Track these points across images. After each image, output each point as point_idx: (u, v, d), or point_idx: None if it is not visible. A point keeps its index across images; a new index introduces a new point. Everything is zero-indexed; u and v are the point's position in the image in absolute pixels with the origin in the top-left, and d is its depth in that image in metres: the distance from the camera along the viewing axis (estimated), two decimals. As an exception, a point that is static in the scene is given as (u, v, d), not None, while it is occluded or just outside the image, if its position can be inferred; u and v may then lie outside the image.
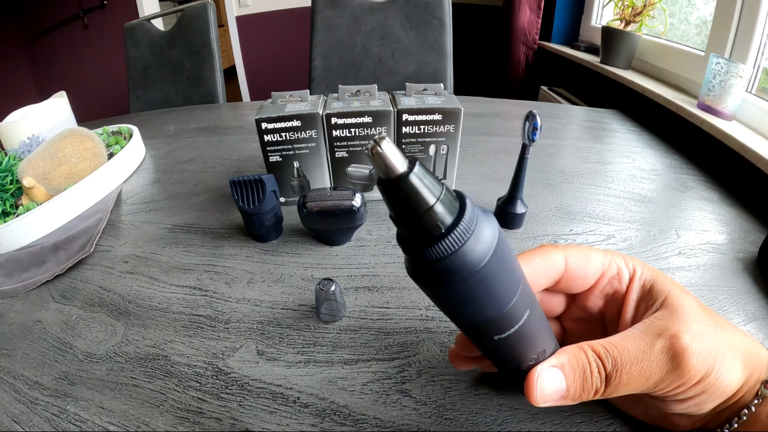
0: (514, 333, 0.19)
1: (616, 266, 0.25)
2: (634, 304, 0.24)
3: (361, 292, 0.38)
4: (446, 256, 0.14)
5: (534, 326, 0.20)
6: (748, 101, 0.70)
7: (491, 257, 0.15)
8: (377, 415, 0.27)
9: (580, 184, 0.55)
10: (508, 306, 0.17)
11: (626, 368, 0.20)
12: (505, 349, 0.20)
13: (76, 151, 0.55)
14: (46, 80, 2.29)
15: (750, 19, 0.75)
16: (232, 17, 2.17)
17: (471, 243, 0.15)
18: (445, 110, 0.46)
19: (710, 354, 0.20)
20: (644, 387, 0.21)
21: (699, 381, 0.20)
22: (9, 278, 0.42)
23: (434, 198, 0.14)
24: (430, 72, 1.11)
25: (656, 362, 0.20)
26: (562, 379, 0.21)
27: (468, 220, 0.15)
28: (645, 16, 1.05)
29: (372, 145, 0.14)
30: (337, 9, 1.10)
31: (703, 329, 0.21)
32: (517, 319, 0.18)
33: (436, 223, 0.14)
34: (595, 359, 0.21)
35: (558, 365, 0.21)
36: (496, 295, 0.16)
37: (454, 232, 0.14)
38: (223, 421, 0.27)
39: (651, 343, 0.21)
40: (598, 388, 0.21)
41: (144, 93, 1.20)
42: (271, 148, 0.47)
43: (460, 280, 0.15)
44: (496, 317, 0.17)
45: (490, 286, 0.16)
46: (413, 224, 0.15)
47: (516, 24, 1.57)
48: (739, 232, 0.46)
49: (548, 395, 0.21)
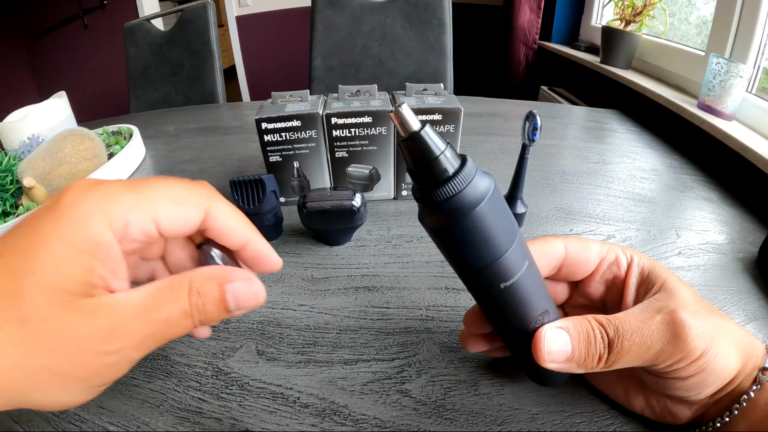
0: (518, 282, 0.20)
1: (614, 253, 0.26)
2: (634, 288, 0.25)
3: (361, 292, 0.38)
4: (451, 197, 0.18)
5: (535, 280, 0.22)
6: (748, 101, 0.70)
7: (488, 199, 0.18)
8: (377, 415, 0.27)
9: (580, 184, 0.55)
10: (509, 250, 0.19)
11: (628, 335, 0.21)
12: (512, 303, 0.21)
13: (76, 151, 0.55)
14: (46, 80, 2.29)
15: (750, 19, 0.75)
16: (232, 17, 2.17)
17: (471, 187, 0.18)
18: (445, 110, 0.46)
19: (707, 333, 0.21)
20: (646, 356, 0.21)
21: (698, 357, 0.21)
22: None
23: (440, 150, 0.18)
24: (430, 72, 1.11)
25: (657, 332, 0.21)
26: (567, 340, 0.22)
27: (468, 168, 0.18)
28: (645, 16, 1.05)
29: (393, 109, 0.18)
30: (337, 9, 1.10)
31: (699, 311, 0.22)
32: (518, 266, 0.20)
33: (444, 167, 0.18)
34: (598, 327, 0.22)
35: (563, 327, 0.22)
36: (496, 236, 0.19)
37: (457, 176, 0.18)
38: (223, 421, 0.27)
39: (651, 316, 0.22)
40: (602, 354, 0.22)
41: (144, 93, 1.20)
42: (271, 148, 0.47)
43: (463, 218, 0.18)
44: (499, 260, 0.19)
45: (490, 226, 0.19)
46: (425, 171, 0.18)
47: (516, 24, 1.57)
48: (739, 232, 0.46)
49: (555, 353, 0.22)
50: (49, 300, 0.15)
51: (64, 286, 0.16)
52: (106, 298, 0.16)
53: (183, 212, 0.19)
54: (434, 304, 0.36)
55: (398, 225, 0.47)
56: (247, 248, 0.21)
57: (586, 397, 0.28)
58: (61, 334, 0.15)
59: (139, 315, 0.17)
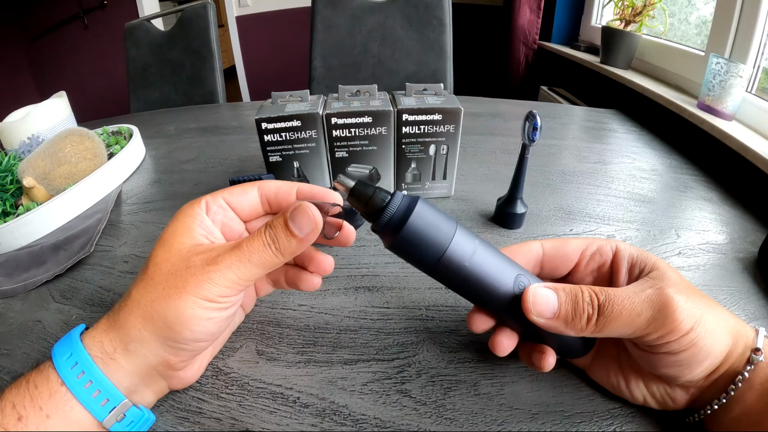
0: (477, 255, 0.24)
1: (596, 245, 0.28)
2: (625, 271, 0.26)
3: (361, 292, 0.38)
4: (387, 221, 0.24)
5: (494, 253, 0.25)
6: (748, 101, 0.70)
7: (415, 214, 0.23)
8: (377, 415, 0.27)
9: (580, 184, 0.55)
10: (452, 238, 0.24)
11: (618, 301, 0.23)
12: (484, 273, 0.24)
13: (76, 151, 0.55)
14: (46, 80, 2.29)
15: (750, 19, 0.75)
16: (232, 17, 2.17)
17: (398, 211, 0.24)
18: (445, 110, 0.46)
19: (695, 310, 0.22)
20: (636, 324, 0.22)
21: (688, 331, 0.22)
22: (9, 278, 0.42)
23: (370, 194, 0.24)
24: (430, 72, 1.11)
25: (647, 301, 0.22)
26: (554, 296, 0.24)
27: (394, 199, 0.24)
28: (645, 16, 1.05)
29: (335, 181, 0.25)
30: (337, 9, 1.10)
31: (687, 291, 0.23)
32: (470, 245, 0.24)
33: (377, 205, 0.24)
34: (589, 291, 0.24)
35: (551, 287, 0.24)
36: (436, 232, 0.24)
37: (387, 208, 0.24)
38: (223, 421, 0.27)
39: (642, 289, 0.23)
40: (590, 315, 0.23)
41: (144, 93, 1.20)
42: (271, 148, 0.47)
43: (403, 232, 0.23)
44: (449, 248, 0.24)
45: (426, 229, 0.24)
46: (368, 211, 0.25)
47: (516, 24, 1.57)
48: (739, 232, 0.46)
49: (540, 305, 0.24)
50: (169, 250, 0.24)
51: (178, 239, 0.25)
52: (208, 244, 0.25)
53: (242, 189, 0.28)
54: (434, 304, 0.36)
55: (398, 225, 0.47)
56: (300, 189, 0.28)
57: (586, 397, 0.28)
58: (178, 263, 0.24)
59: (231, 247, 0.24)
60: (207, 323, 0.24)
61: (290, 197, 0.28)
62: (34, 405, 0.21)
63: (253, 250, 0.24)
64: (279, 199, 0.28)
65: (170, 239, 0.25)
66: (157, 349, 0.23)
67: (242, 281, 0.24)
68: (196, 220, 0.25)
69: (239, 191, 0.27)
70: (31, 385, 0.22)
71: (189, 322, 0.23)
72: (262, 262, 0.24)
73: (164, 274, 0.23)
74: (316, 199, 0.27)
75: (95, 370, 0.22)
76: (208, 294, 0.23)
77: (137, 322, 0.23)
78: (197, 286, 0.23)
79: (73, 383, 0.22)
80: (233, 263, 0.23)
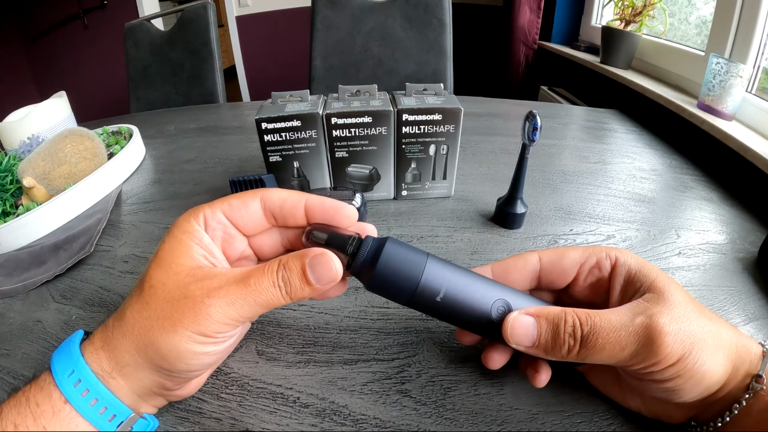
0: (448, 292, 0.25)
1: (595, 258, 0.27)
2: (620, 289, 0.26)
3: (361, 292, 0.38)
4: (361, 264, 0.25)
5: (470, 280, 0.25)
6: (748, 101, 0.70)
7: (384, 255, 0.25)
8: (377, 415, 0.27)
9: (580, 184, 0.55)
10: (422, 272, 0.25)
11: (603, 333, 0.22)
12: (456, 307, 0.25)
13: (76, 151, 0.55)
14: (46, 80, 2.29)
15: (750, 19, 0.75)
16: (232, 17, 2.17)
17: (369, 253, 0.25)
18: (445, 110, 0.46)
19: (688, 338, 0.21)
20: (620, 356, 0.22)
21: (675, 363, 0.21)
22: (9, 278, 0.42)
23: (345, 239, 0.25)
24: (430, 72, 1.11)
25: (633, 334, 0.21)
26: (533, 325, 0.23)
27: (365, 244, 0.25)
28: (645, 16, 1.05)
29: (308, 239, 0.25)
30: (337, 9, 1.10)
31: (684, 314, 0.22)
32: (439, 282, 0.25)
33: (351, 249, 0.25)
34: (574, 318, 0.23)
35: (533, 314, 0.24)
36: (405, 271, 0.25)
37: (357, 253, 0.25)
38: (223, 421, 0.27)
39: (632, 318, 0.22)
40: (572, 346, 0.22)
41: (144, 93, 1.20)
42: (271, 148, 0.47)
43: (375, 272, 0.24)
44: (419, 285, 0.25)
45: (396, 268, 0.25)
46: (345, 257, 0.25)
47: (516, 24, 1.57)
48: (739, 232, 0.46)
49: (519, 336, 0.23)
50: (166, 272, 0.23)
51: (176, 260, 0.23)
52: (209, 268, 0.23)
53: (242, 202, 0.25)
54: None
55: (398, 225, 0.47)
56: (309, 204, 0.26)
57: (586, 397, 0.28)
58: (174, 290, 0.22)
59: (235, 280, 0.22)
60: (203, 357, 0.23)
61: (298, 212, 0.26)
62: (37, 424, 0.20)
63: (261, 290, 0.22)
64: (285, 213, 0.26)
65: (167, 259, 0.23)
66: (152, 375, 0.23)
67: (243, 319, 0.22)
68: (194, 238, 0.24)
69: (239, 204, 0.25)
70: (32, 402, 0.21)
71: (183, 356, 0.22)
72: (268, 303, 0.22)
73: (160, 300, 0.22)
74: (328, 215, 0.26)
75: (100, 387, 0.22)
76: (205, 330, 0.21)
77: (131, 348, 0.22)
78: (194, 321, 0.21)
79: (77, 401, 0.21)
80: (236, 300, 0.22)
